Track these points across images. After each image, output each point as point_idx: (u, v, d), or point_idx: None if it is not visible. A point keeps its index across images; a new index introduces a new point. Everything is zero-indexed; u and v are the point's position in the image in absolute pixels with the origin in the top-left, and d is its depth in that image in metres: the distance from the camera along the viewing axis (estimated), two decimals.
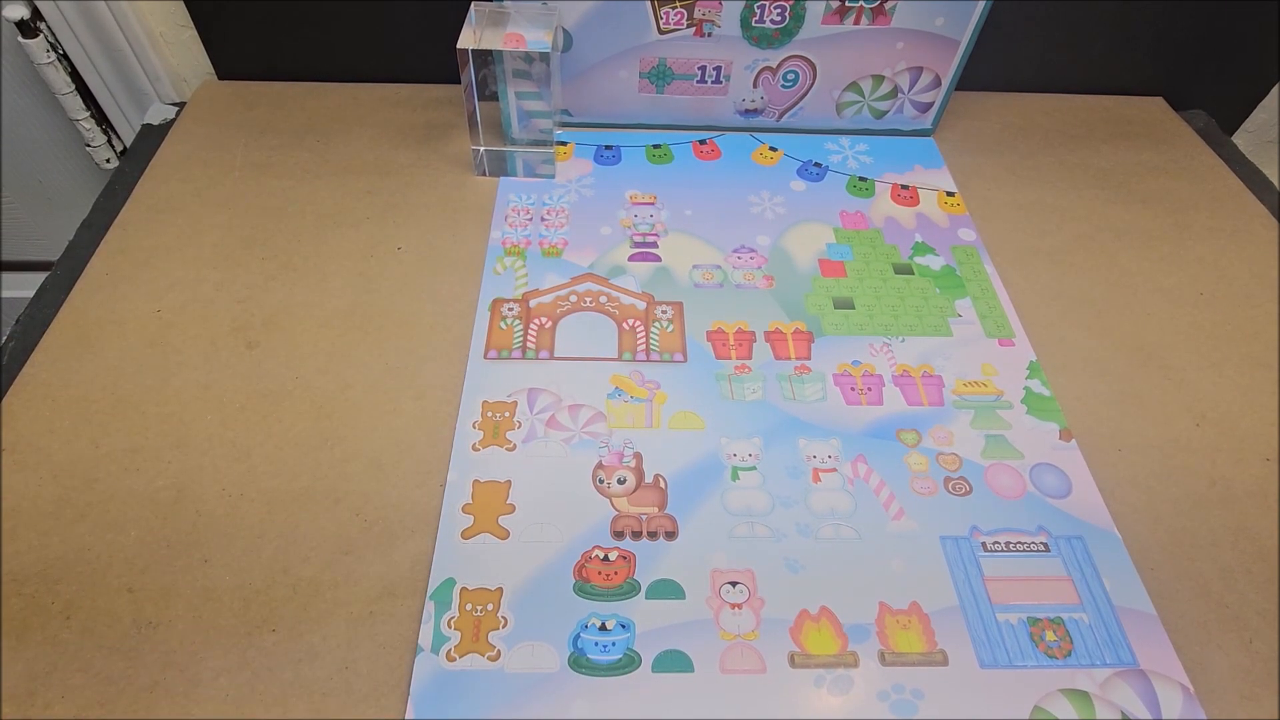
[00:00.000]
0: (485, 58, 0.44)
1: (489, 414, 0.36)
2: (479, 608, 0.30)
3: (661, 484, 0.34)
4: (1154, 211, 0.48)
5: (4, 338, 0.40)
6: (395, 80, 0.55)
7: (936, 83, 0.50)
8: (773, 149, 0.51)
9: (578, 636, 0.29)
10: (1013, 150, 0.52)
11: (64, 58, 0.53)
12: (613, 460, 0.35)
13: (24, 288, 0.70)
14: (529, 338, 0.39)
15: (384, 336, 0.39)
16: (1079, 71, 0.57)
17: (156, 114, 0.54)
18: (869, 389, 0.38)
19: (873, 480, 0.34)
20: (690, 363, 0.39)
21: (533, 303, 0.41)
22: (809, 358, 0.39)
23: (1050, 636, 0.30)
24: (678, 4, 0.45)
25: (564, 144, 0.51)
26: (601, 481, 0.34)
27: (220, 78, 0.55)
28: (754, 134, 0.52)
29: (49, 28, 0.51)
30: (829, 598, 0.31)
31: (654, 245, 0.44)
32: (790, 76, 0.49)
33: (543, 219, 0.45)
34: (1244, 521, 0.34)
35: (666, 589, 0.31)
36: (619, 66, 0.48)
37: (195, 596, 0.30)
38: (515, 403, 0.36)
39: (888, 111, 0.51)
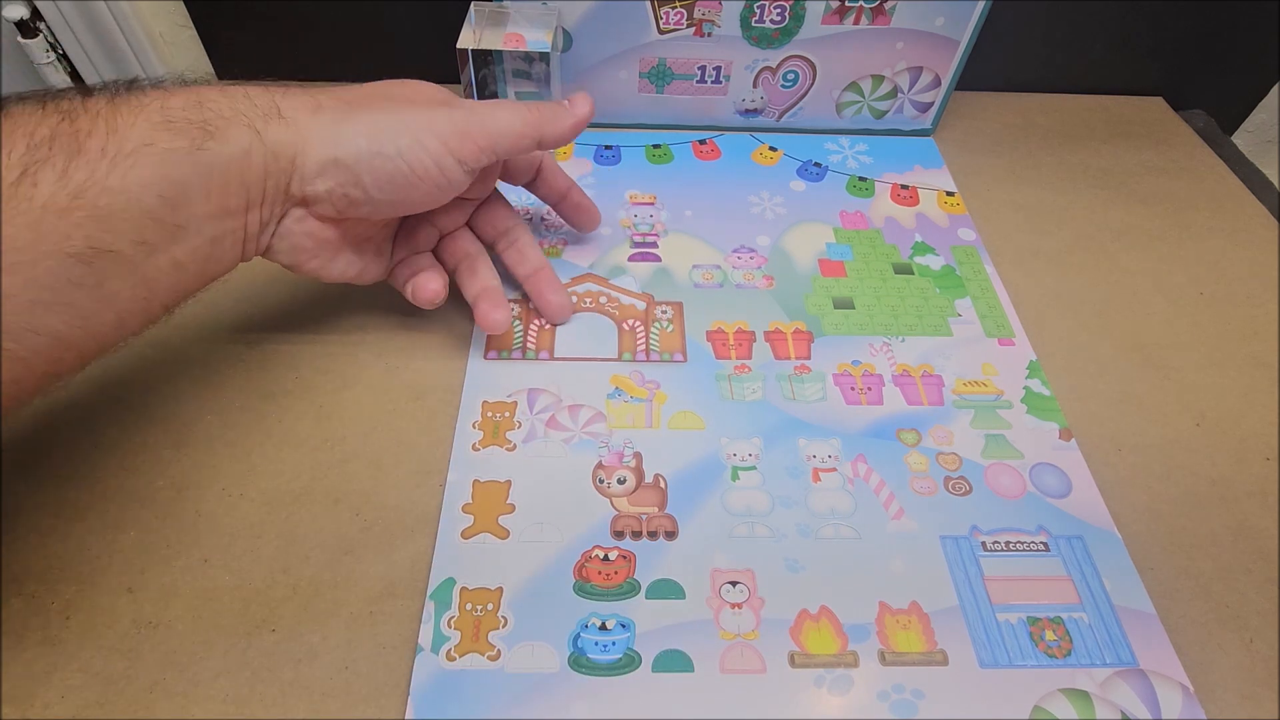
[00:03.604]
0: (485, 58, 0.44)
1: (489, 414, 0.36)
2: (479, 607, 0.30)
3: (661, 484, 0.34)
4: (1154, 211, 0.48)
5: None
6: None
7: (936, 83, 0.50)
8: (773, 149, 0.51)
9: (578, 636, 0.29)
10: (1013, 150, 0.52)
11: (64, 58, 0.53)
12: (613, 460, 0.35)
13: None
14: (529, 338, 0.39)
15: (384, 336, 0.39)
16: (1079, 71, 0.57)
17: None
18: (869, 389, 0.38)
19: (873, 480, 0.34)
20: (690, 363, 0.39)
21: (533, 304, 0.41)
22: (809, 358, 0.39)
23: (1050, 636, 0.30)
24: (678, 4, 0.45)
25: None
26: (601, 481, 0.34)
27: (220, 78, 0.55)
28: (754, 134, 0.52)
29: (49, 28, 0.51)
30: (829, 598, 0.31)
31: (654, 245, 0.44)
32: (790, 76, 0.49)
33: (543, 219, 0.45)
34: (1244, 521, 0.34)
35: (666, 589, 0.31)
36: (619, 66, 0.48)
37: (195, 596, 0.30)
38: (515, 403, 0.36)
39: (888, 111, 0.51)
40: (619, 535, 0.32)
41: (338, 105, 0.31)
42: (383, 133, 0.30)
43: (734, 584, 0.31)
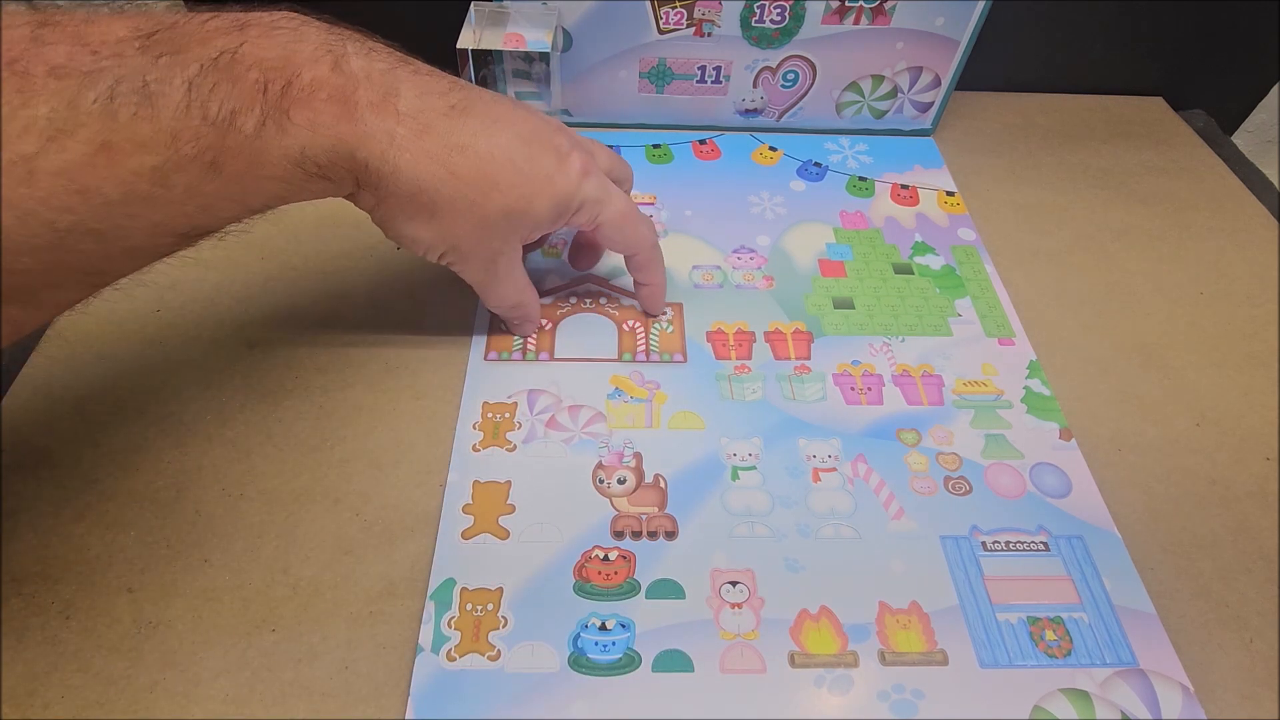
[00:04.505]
0: (485, 58, 0.44)
1: (489, 415, 0.36)
2: (479, 608, 0.30)
3: (661, 484, 0.34)
4: (1154, 211, 0.48)
5: None
6: None
7: (936, 83, 0.50)
8: (773, 149, 0.51)
9: (578, 636, 0.29)
10: (1013, 150, 0.52)
11: None
12: (613, 460, 0.35)
13: None
14: (529, 339, 0.39)
15: (384, 336, 0.39)
16: (1079, 71, 0.57)
17: None
18: (869, 389, 0.38)
19: (873, 480, 0.34)
20: (690, 363, 0.39)
21: None
22: (809, 358, 0.39)
23: (1050, 636, 0.30)
24: (678, 4, 0.45)
25: None
26: (601, 481, 0.34)
27: None
28: (754, 134, 0.52)
29: None
30: (829, 597, 0.31)
31: None
32: (790, 76, 0.49)
33: None
34: (1244, 521, 0.34)
35: (666, 589, 0.31)
36: (619, 66, 0.48)
37: (195, 596, 0.30)
38: (515, 404, 0.36)
39: (888, 111, 0.51)
40: (619, 535, 0.32)
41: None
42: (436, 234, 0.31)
43: (734, 584, 0.31)
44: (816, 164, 0.50)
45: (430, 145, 0.29)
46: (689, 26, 0.46)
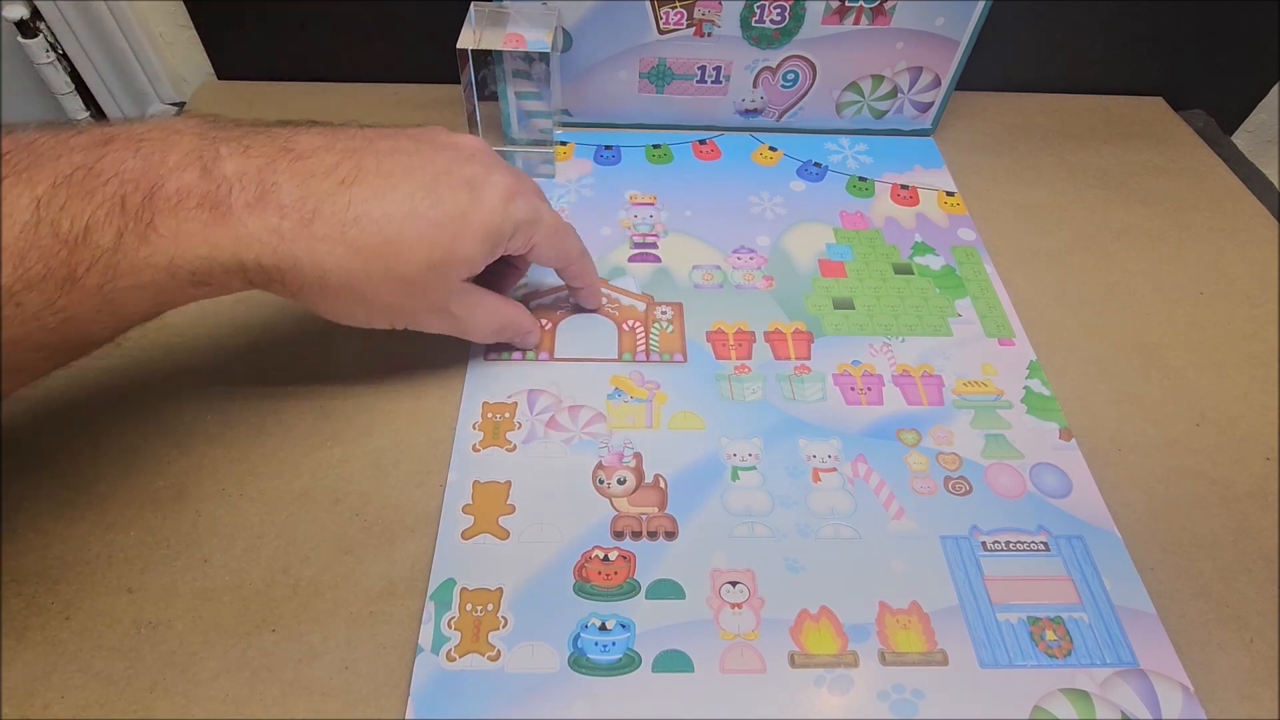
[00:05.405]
0: (485, 58, 0.44)
1: (489, 415, 0.36)
2: (479, 608, 0.30)
3: (661, 484, 0.34)
4: (1154, 211, 0.48)
5: None
6: (395, 80, 0.55)
7: (936, 83, 0.50)
8: (773, 149, 0.51)
9: (578, 636, 0.29)
10: (1013, 150, 0.52)
11: (64, 58, 0.53)
12: (613, 460, 0.35)
13: None
14: None
15: (384, 336, 0.39)
16: (1079, 71, 0.57)
17: (156, 114, 0.54)
18: (869, 389, 0.38)
19: (873, 480, 0.34)
20: (690, 363, 0.39)
21: (533, 304, 0.41)
22: (809, 358, 0.39)
23: (1050, 636, 0.30)
24: (678, 4, 0.45)
25: (564, 144, 0.51)
26: (601, 482, 0.34)
27: (220, 78, 0.55)
28: (754, 134, 0.52)
29: (48, 28, 0.51)
30: (829, 597, 0.31)
31: (654, 246, 0.44)
32: (790, 76, 0.49)
33: None
34: (1244, 521, 0.34)
35: (666, 589, 0.31)
36: (619, 66, 0.48)
37: (195, 596, 0.30)
38: (515, 404, 0.36)
39: (888, 111, 0.51)
40: (619, 535, 0.32)
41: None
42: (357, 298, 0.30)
43: (734, 584, 0.31)
44: (816, 164, 0.50)
45: (322, 229, 0.28)
46: (689, 26, 0.46)
